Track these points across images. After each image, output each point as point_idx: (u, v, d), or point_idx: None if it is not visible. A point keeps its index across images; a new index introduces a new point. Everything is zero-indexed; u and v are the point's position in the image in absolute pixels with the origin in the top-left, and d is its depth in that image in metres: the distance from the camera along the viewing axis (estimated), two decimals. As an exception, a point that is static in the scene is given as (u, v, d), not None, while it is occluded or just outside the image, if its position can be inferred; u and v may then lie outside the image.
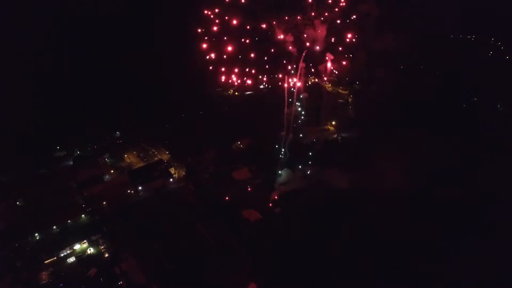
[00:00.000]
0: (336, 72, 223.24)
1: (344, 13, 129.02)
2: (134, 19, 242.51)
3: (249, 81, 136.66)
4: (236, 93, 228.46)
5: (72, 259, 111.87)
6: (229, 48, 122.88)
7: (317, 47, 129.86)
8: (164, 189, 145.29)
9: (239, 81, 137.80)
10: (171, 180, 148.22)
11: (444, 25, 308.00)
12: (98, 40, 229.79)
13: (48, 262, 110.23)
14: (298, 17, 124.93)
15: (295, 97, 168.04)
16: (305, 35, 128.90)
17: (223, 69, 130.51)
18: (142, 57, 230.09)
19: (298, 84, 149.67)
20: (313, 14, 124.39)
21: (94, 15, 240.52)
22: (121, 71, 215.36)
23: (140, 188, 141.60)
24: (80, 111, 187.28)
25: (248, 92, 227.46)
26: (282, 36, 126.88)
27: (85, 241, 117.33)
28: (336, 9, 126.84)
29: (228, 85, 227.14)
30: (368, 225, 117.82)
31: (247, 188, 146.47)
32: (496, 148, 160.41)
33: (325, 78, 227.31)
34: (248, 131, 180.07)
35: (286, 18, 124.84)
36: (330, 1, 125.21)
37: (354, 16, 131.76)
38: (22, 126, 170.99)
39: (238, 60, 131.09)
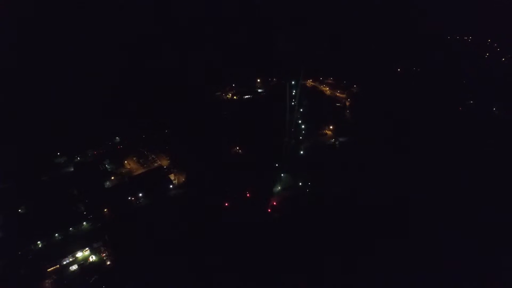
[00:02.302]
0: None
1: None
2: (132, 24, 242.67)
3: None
4: (235, 97, 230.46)
5: (74, 267, 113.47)
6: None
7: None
8: (165, 195, 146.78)
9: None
10: (171, 186, 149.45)
11: (442, 26, 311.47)
12: (96, 46, 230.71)
13: (51, 270, 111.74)
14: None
15: (296, 103, 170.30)
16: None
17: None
18: (140, 62, 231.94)
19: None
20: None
21: (96, 20, 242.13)
22: (120, 76, 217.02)
23: (140, 194, 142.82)
24: (80, 117, 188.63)
25: (247, 96, 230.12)
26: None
27: (87, 248, 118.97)
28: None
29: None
30: (366, 229, 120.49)
31: (246, 193, 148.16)
32: (492, 150, 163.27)
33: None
34: (247, 135, 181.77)
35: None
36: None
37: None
38: (22, 133, 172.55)
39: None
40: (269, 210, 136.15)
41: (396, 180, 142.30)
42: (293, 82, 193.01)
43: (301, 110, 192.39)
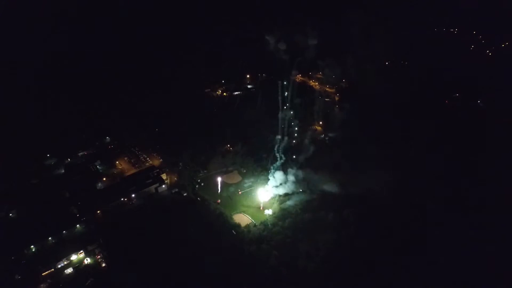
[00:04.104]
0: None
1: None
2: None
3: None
4: (225, 93, 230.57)
5: (69, 270, 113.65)
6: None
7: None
8: (157, 196, 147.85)
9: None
10: (163, 186, 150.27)
11: (429, 18, 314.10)
12: (84, 45, 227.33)
13: (46, 274, 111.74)
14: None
15: (286, 99, 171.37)
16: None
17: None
18: (128, 59, 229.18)
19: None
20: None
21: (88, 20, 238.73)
22: (109, 74, 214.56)
23: (133, 195, 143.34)
24: (69, 117, 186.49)
25: (237, 93, 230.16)
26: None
27: (81, 251, 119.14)
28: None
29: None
30: (359, 227, 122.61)
31: (238, 191, 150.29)
32: (478, 144, 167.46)
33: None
34: (238, 133, 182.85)
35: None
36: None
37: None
38: (10, 136, 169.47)
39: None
40: (261, 208, 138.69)
41: (387, 176, 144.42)
42: (282, 78, 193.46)
43: (291, 106, 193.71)
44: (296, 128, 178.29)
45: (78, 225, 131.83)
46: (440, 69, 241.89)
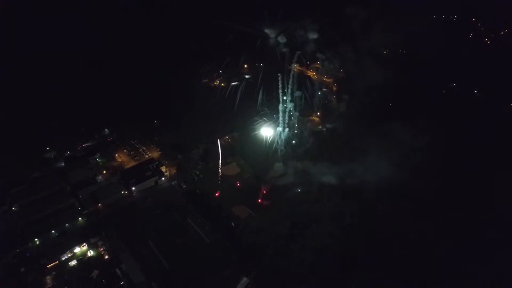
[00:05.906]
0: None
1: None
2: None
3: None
4: (222, 84, 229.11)
5: (73, 262, 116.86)
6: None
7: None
8: (157, 188, 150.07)
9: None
10: (163, 178, 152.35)
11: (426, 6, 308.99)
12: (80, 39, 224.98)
13: (50, 266, 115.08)
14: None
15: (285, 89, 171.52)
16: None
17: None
18: (124, 51, 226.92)
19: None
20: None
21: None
22: (105, 68, 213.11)
23: (133, 188, 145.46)
24: (67, 110, 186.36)
25: (234, 83, 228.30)
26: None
27: (84, 244, 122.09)
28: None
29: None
30: (356, 219, 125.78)
31: (236, 183, 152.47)
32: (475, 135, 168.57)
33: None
34: (236, 124, 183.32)
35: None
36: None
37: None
38: (8, 128, 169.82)
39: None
40: (259, 201, 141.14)
41: (385, 167, 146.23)
42: (280, 68, 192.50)
43: (290, 96, 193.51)
44: (292, 114, 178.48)
45: (80, 218, 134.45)
46: (437, 58, 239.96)
